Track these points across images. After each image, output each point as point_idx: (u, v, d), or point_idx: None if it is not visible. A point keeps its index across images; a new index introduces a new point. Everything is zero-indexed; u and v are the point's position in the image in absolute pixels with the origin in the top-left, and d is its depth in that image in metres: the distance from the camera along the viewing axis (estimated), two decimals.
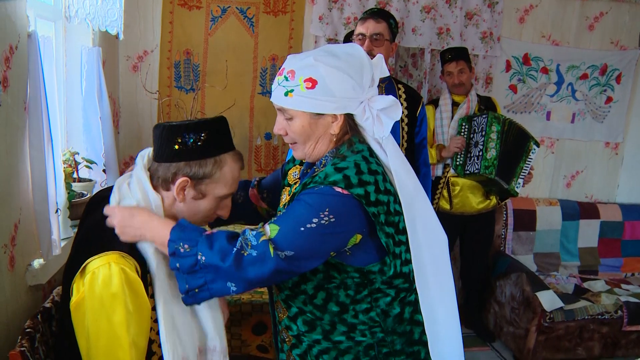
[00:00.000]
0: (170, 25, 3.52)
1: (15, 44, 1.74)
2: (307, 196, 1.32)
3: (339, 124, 1.41)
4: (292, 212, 1.32)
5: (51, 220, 1.98)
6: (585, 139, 4.27)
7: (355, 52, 1.41)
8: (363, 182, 1.32)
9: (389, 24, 2.63)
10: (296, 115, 1.41)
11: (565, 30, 4.03)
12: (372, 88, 1.42)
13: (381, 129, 1.40)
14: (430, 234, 1.42)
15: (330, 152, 1.44)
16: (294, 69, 1.39)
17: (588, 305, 3.38)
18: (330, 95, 1.36)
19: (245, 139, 3.71)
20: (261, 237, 1.27)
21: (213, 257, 1.26)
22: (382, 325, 1.44)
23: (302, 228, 1.27)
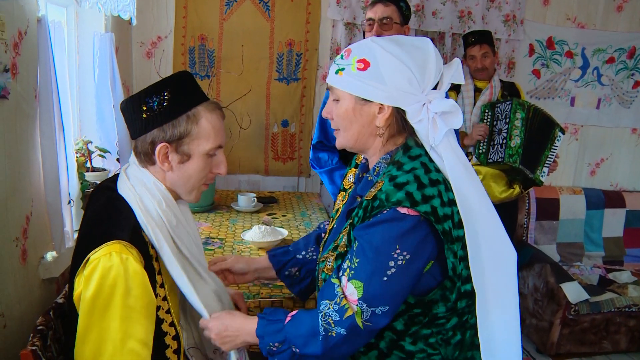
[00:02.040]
0: (184, 10, 3.45)
1: (25, 29, 1.69)
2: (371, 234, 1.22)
3: (386, 116, 1.30)
4: (365, 260, 1.22)
5: (64, 211, 1.94)
6: (611, 125, 4.15)
7: (423, 46, 1.29)
8: (427, 198, 1.21)
9: (398, 7, 2.54)
10: (342, 96, 1.33)
11: (592, 12, 3.89)
12: (438, 91, 1.29)
13: (435, 134, 1.27)
14: (496, 251, 1.26)
15: (383, 159, 1.34)
16: (351, 48, 1.32)
17: (614, 297, 3.29)
18: (380, 82, 1.26)
19: (261, 126, 3.64)
20: (345, 314, 1.22)
21: (306, 347, 1.25)
22: (441, 353, 1.33)
23: (385, 278, 1.20)
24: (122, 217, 1.32)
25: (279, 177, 3.78)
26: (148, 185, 1.37)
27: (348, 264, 1.25)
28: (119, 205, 1.34)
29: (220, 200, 3.22)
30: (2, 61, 1.51)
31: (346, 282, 1.23)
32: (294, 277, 1.70)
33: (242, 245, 2.41)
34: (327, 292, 1.27)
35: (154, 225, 1.33)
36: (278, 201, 3.28)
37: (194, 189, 1.42)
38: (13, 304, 1.68)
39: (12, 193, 1.65)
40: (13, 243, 1.67)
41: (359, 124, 1.33)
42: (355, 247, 1.25)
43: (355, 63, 1.29)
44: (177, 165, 1.36)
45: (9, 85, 1.56)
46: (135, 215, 1.32)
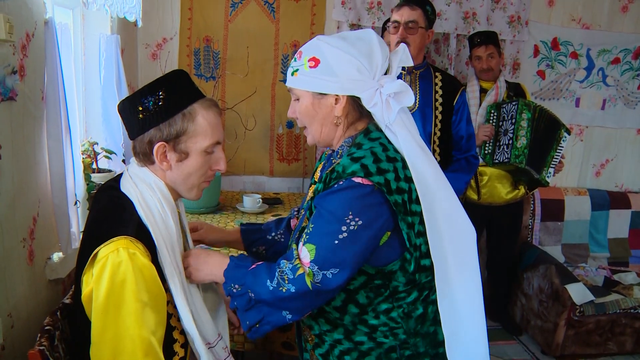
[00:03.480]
0: (189, 12, 3.46)
1: (32, 31, 1.70)
2: (327, 201, 1.30)
3: (342, 105, 1.38)
4: (319, 225, 1.30)
5: (70, 212, 1.95)
6: (616, 126, 4.13)
7: (365, 37, 1.39)
8: (382, 170, 1.29)
9: (424, 11, 2.55)
10: (301, 95, 1.41)
11: (597, 12, 3.89)
12: (388, 76, 1.38)
13: (389, 114, 1.35)
14: (454, 225, 1.35)
15: (346, 142, 1.43)
16: (302, 50, 1.41)
17: (620, 298, 3.28)
18: (332, 75, 1.35)
19: (266, 127, 3.65)
20: (297, 271, 1.28)
21: (261, 293, 1.31)
22: (404, 327, 1.39)
23: (336, 241, 1.27)
24: (126, 214, 1.33)
25: (284, 178, 3.79)
26: (149, 183, 1.38)
27: (306, 230, 1.33)
28: (123, 202, 1.35)
29: (226, 201, 3.23)
30: (10, 63, 1.52)
31: (301, 246, 1.31)
32: (260, 254, 1.77)
33: None
34: (287, 254, 1.35)
35: (154, 223, 1.33)
36: (283, 202, 3.28)
37: (194, 186, 1.42)
38: (20, 304, 1.69)
39: (20, 194, 1.66)
40: (20, 244, 1.68)
41: (320, 117, 1.41)
42: (313, 215, 1.33)
43: (306, 62, 1.38)
44: (176, 164, 1.37)
45: (17, 87, 1.58)
46: (138, 212, 1.33)
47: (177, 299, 1.34)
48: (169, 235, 1.35)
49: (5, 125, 1.55)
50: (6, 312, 1.59)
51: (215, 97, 3.27)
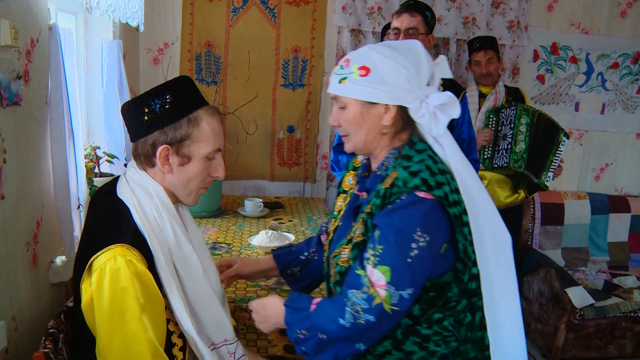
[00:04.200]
0: (190, 17, 3.48)
1: (37, 36, 1.71)
2: (393, 219, 1.29)
3: (391, 115, 1.38)
4: (389, 245, 1.29)
5: (73, 216, 1.96)
6: (615, 130, 4.14)
7: (413, 47, 1.39)
8: (439, 183, 1.31)
9: (424, 17, 2.57)
10: (349, 103, 1.40)
11: (596, 17, 3.90)
12: (432, 87, 1.38)
13: (437, 126, 1.36)
14: (494, 233, 1.36)
15: (391, 153, 1.42)
16: (349, 57, 1.40)
17: (620, 302, 3.29)
18: (383, 84, 1.35)
19: (267, 132, 3.66)
20: (374, 301, 1.27)
21: (333, 332, 1.30)
22: (456, 334, 1.40)
23: (409, 259, 1.27)
24: (123, 221, 1.33)
25: (285, 182, 3.80)
26: (146, 188, 1.38)
27: (371, 252, 1.31)
28: (119, 209, 1.35)
29: (227, 205, 3.24)
30: (15, 68, 1.54)
31: (372, 269, 1.29)
32: (295, 275, 1.78)
33: (250, 250, 2.43)
34: (353, 282, 1.31)
35: (150, 230, 1.33)
36: (284, 206, 3.30)
37: (193, 191, 1.43)
38: (24, 307, 1.70)
39: (23, 198, 1.67)
40: (24, 247, 1.69)
41: (368, 126, 1.40)
42: (377, 236, 1.31)
43: (356, 71, 1.37)
44: (177, 168, 1.38)
45: (21, 92, 1.59)
46: (134, 219, 1.34)
47: (175, 304, 1.34)
48: (165, 242, 1.36)
49: (10, 130, 1.56)
50: (10, 315, 1.60)
51: (216, 102, 3.28)
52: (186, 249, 1.40)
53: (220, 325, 1.46)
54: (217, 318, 1.46)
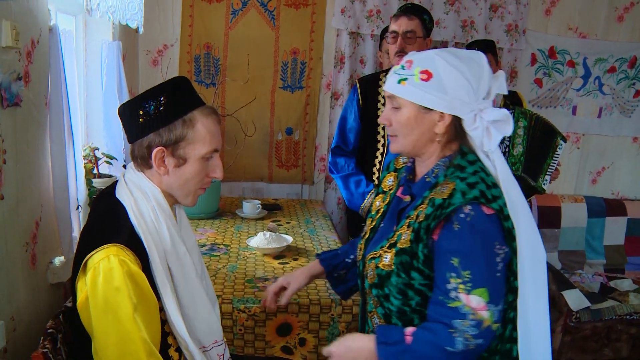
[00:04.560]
0: (190, 19, 3.49)
1: (37, 38, 1.72)
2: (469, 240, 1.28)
3: (446, 124, 1.37)
4: (477, 267, 1.28)
5: (72, 217, 1.97)
6: (612, 134, 4.16)
7: (478, 59, 1.37)
8: (495, 197, 1.31)
9: (422, 20, 2.58)
10: (404, 105, 1.38)
11: (593, 22, 3.92)
12: (487, 101, 1.37)
13: (489, 142, 1.35)
14: (534, 250, 1.36)
15: (442, 161, 1.41)
16: (412, 59, 1.38)
17: (616, 305, 3.30)
18: (442, 92, 1.34)
19: (266, 134, 3.67)
20: (482, 325, 1.26)
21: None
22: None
23: (498, 274, 1.29)
24: (119, 221, 1.34)
25: (283, 184, 3.80)
26: (144, 190, 1.39)
27: (457, 280, 1.28)
28: (117, 209, 1.36)
29: (225, 207, 3.24)
30: (15, 69, 1.54)
31: (467, 297, 1.27)
32: (341, 278, 1.77)
33: (248, 251, 2.44)
34: (452, 314, 1.28)
35: (146, 231, 1.34)
36: (282, 208, 3.30)
37: (190, 193, 1.43)
38: (23, 307, 1.70)
39: (23, 198, 1.68)
40: (23, 248, 1.70)
41: (419, 131, 1.39)
42: (458, 263, 1.28)
43: (418, 74, 1.35)
44: (173, 169, 1.38)
45: (22, 92, 1.60)
46: (130, 219, 1.34)
47: (169, 306, 1.34)
48: (161, 243, 1.36)
49: (10, 130, 1.57)
50: (9, 315, 1.61)
51: (215, 104, 3.29)
52: (180, 250, 1.41)
53: (210, 326, 1.47)
54: (208, 319, 1.46)
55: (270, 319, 1.92)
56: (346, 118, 2.81)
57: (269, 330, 1.92)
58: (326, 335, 1.95)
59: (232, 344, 1.90)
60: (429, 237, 1.32)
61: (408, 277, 1.36)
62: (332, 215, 3.68)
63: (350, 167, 2.74)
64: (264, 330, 1.92)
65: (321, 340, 1.94)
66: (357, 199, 2.70)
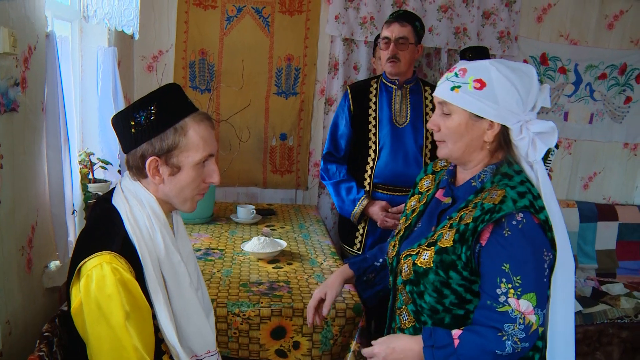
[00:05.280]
0: (185, 25, 3.51)
1: (34, 44, 1.74)
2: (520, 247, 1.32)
3: (494, 132, 1.41)
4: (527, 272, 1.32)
5: (68, 221, 1.98)
6: (604, 139, 4.20)
7: (529, 72, 1.42)
8: (541, 208, 1.36)
9: (414, 27, 2.62)
10: (456, 111, 1.43)
11: (584, 29, 3.97)
12: (533, 112, 1.42)
13: (534, 152, 1.40)
14: (565, 260, 1.39)
15: (489, 168, 1.45)
16: (466, 67, 1.42)
17: (607, 309, 3.33)
18: (494, 102, 1.38)
19: (260, 139, 3.69)
20: (530, 329, 1.31)
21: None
22: None
23: (545, 279, 1.34)
24: (114, 228, 1.35)
25: (277, 189, 3.82)
26: (139, 198, 1.39)
27: (507, 285, 1.32)
28: (112, 216, 1.37)
29: (220, 212, 3.26)
30: (13, 75, 1.56)
31: (516, 302, 1.31)
32: (369, 282, 1.81)
33: (242, 256, 2.46)
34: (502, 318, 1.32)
35: (140, 239, 1.35)
36: (276, 213, 3.32)
37: (188, 199, 1.43)
38: (18, 311, 1.71)
39: (19, 203, 1.69)
40: (19, 252, 1.71)
41: (469, 138, 1.43)
42: (509, 268, 1.32)
43: (472, 82, 1.40)
44: (169, 178, 1.38)
45: (19, 98, 1.61)
46: (125, 227, 1.35)
47: (160, 314, 1.35)
48: (155, 251, 1.37)
49: (7, 135, 1.58)
50: (4, 319, 1.61)
51: (210, 109, 3.31)
52: (175, 259, 1.41)
53: (203, 336, 1.47)
54: (201, 329, 1.46)
55: (264, 323, 1.93)
56: (337, 124, 2.83)
57: (263, 333, 1.94)
58: (320, 339, 1.96)
59: (226, 347, 1.92)
60: (475, 240, 1.36)
61: (446, 275, 1.39)
62: (326, 220, 3.71)
63: (341, 174, 2.75)
64: (258, 333, 1.93)
65: (315, 344, 1.96)
66: (348, 206, 2.72)
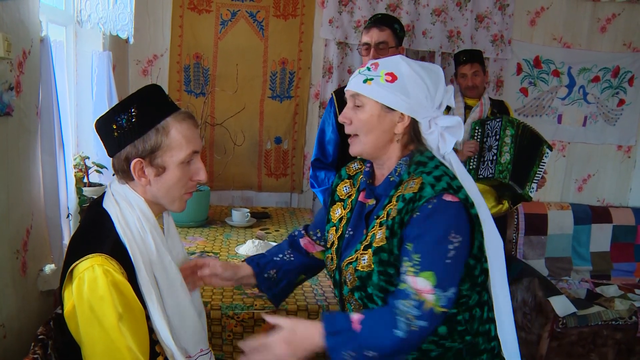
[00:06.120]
0: (180, 29, 3.52)
1: (28, 48, 1.75)
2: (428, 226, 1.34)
3: (405, 125, 1.45)
4: (427, 251, 1.33)
5: (62, 225, 1.99)
6: (597, 142, 4.23)
7: (436, 70, 1.48)
8: (459, 187, 1.39)
9: (393, 30, 2.61)
10: (368, 103, 1.45)
11: (577, 32, 4.00)
12: (439, 110, 1.47)
13: (444, 145, 1.45)
14: (492, 237, 1.43)
15: (403, 160, 1.47)
16: (378, 62, 1.46)
17: (601, 310, 3.34)
18: (405, 95, 1.42)
19: (255, 143, 3.70)
20: (424, 306, 1.29)
21: (384, 349, 1.30)
22: (469, 329, 1.46)
23: (448, 260, 1.32)
24: (104, 231, 1.35)
25: (272, 193, 3.83)
26: (129, 200, 1.40)
27: (408, 264, 1.33)
28: (103, 219, 1.37)
29: (215, 215, 3.27)
30: (7, 80, 1.57)
31: (414, 279, 1.31)
32: (271, 279, 1.73)
33: (237, 259, 2.46)
34: (399, 295, 1.33)
35: (132, 240, 1.35)
36: (271, 216, 3.33)
37: (176, 199, 1.43)
38: (13, 315, 1.71)
39: (14, 206, 1.69)
40: (14, 255, 1.71)
41: (380, 130, 1.46)
42: (411, 247, 1.34)
43: (383, 75, 1.43)
44: (155, 179, 1.38)
45: (13, 102, 1.62)
46: (116, 229, 1.35)
47: (154, 315, 1.35)
48: (146, 252, 1.37)
49: (1, 140, 1.59)
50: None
51: (204, 113, 3.31)
52: (166, 259, 1.41)
53: (196, 335, 1.48)
54: (194, 328, 1.47)
55: (258, 325, 1.94)
56: (324, 130, 2.82)
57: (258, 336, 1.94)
58: None
59: (221, 350, 1.92)
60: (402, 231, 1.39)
61: (388, 273, 1.40)
62: None
63: (330, 180, 2.74)
64: (253, 336, 1.93)
65: None
66: None
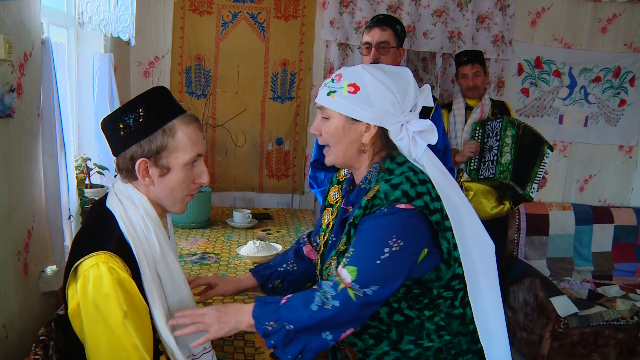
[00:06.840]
0: (181, 31, 3.53)
1: (30, 50, 1.75)
2: (371, 226, 1.36)
3: (371, 134, 1.45)
4: (361, 248, 1.36)
5: (64, 226, 1.99)
6: (599, 142, 4.23)
7: (403, 74, 1.46)
8: (419, 194, 1.37)
9: (394, 31, 2.61)
10: (333, 115, 1.46)
11: (578, 32, 4.00)
12: (414, 113, 1.46)
13: (416, 150, 1.44)
14: (478, 239, 1.44)
15: (373, 167, 1.48)
16: (342, 73, 1.46)
17: (603, 310, 3.34)
18: (368, 105, 1.41)
19: (256, 144, 3.71)
20: (339, 286, 1.34)
21: (301, 320, 1.33)
22: (447, 329, 1.47)
23: (378, 261, 1.33)
24: (108, 229, 1.36)
25: (274, 194, 3.83)
26: (132, 200, 1.41)
27: (347, 254, 1.38)
28: (107, 218, 1.38)
29: (216, 216, 3.27)
30: (9, 82, 1.57)
31: (341, 269, 1.36)
32: (277, 289, 1.80)
33: (238, 260, 2.46)
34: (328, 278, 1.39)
35: (135, 239, 1.36)
36: (272, 217, 3.33)
37: (178, 200, 1.45)
38: (14, 316, 1.72)
39: (15, 208, 1.70)
40: (15, 257, 1.72)
41: (347, 141, 1.46)
42: (354, 240, 1.38)
43: (346, 87, 1.43)
44: (158, 179, 1.39)
45: (14, 104, 1.63)
46: (120, 227, 1.36)
47: (156, 314, 1.36)
48: (150, 251, 1.38)
49: (3, 141, 1.59)
50: (1, 323, 1.62)
51: (206, 115, 3.32)
52: (169, 258, 1.43)
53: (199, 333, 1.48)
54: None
55: None
56: None
57: (258, 336, 1.94)
58: None
59: (222, 351, 1.93)
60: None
61: None
62: None
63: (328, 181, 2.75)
64: (254, 336, 1.94)
65: None
66: None
